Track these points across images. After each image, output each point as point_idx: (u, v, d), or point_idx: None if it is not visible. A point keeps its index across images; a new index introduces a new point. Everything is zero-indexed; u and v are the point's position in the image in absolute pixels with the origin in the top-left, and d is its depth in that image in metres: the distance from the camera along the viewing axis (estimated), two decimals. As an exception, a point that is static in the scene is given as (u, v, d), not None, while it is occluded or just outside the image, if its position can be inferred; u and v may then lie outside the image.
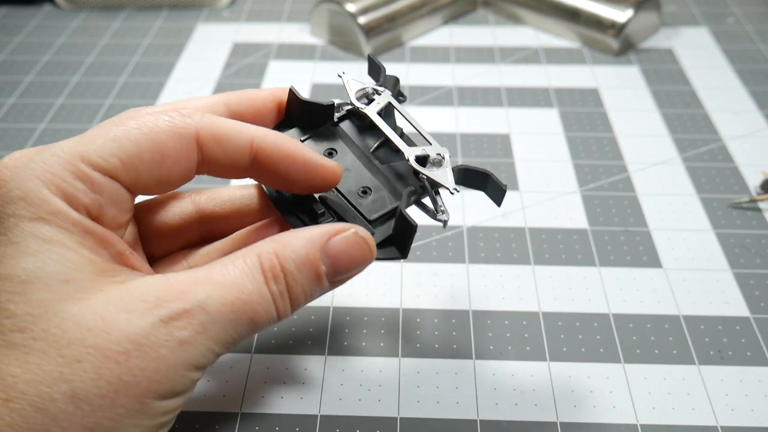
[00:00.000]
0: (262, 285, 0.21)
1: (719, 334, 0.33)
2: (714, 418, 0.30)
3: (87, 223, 0.21)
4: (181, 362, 0.20)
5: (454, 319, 0.34)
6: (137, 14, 0.63)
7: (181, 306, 0.20)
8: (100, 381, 0.19)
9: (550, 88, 0.52)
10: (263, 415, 0.30)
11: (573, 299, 0.35)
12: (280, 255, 0.22)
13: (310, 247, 0.22)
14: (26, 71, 0.55)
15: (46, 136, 0.47)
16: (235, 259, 0.22)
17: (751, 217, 0.40)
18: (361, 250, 0.23)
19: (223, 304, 0.21)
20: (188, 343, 0.20)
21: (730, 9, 0.62)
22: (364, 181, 0.26)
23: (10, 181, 0.21)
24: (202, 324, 0.20)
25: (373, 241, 0.24)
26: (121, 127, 0.22)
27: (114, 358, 0.19)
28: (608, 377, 0.31)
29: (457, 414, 0.30)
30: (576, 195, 0.42)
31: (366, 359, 0.32)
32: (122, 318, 0.19)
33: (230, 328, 0.21)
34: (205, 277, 0.21)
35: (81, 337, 0.19)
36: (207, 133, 0.23)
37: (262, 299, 0.21)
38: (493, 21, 0.61)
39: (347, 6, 0.54)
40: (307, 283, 0.22)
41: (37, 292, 0.19)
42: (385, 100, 0.27)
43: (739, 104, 0.49)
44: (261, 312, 0.21)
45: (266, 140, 0.24)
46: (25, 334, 0.19)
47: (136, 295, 0.20)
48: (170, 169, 0.23)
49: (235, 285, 0.21)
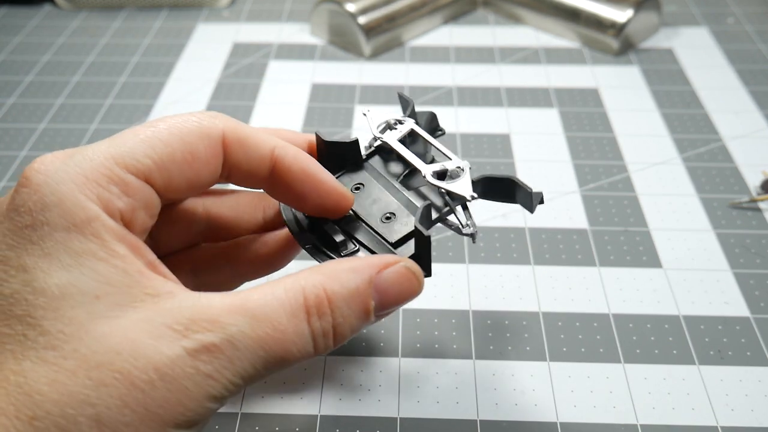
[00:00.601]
0: (301, 321, 0.20)
1: (719, 334, 0.33)
2: (714, 418, 0.30)
3: (121, 230, 0.21)
4: (204, 395, 0.19)
5: (454, 319, 0.34)
6: (137, 14, 0.63)
7: (210, 339, 0.19)
8: (125, 408, 0.19)
9: (550, 88, 0.52)
10: (263, 415, 0.30)
11: (573, 299, 0.35)
12: (329, 289, 0.21)
13: (360, 281, 0.21)
14: (26, 71, 0.55)
15: (46, 136, 0.47)
16: (276, 288, 0.21)
17: (751, 217, 0.40)
18: (410, 283, 0.22)
19: (254, 340, 0.20)
20: (213, 378, 0.19)
21: (730, 9, 0.62)
22: (387, 208, 0.26)
23: (44, 185, 0.20)
24: (229, 359, 0.19)
25: (422, 274, 0.23)
26: (150, 129, 0.22)
27: (140, 386, 0.19)
28: (608, 377, 0.31)
29: (457, 414, 0.30)
30: (576, 195, 0.42)
31: (366, 359, 0.32)
32: (149, 344, 0.19)
33: (258, 365, 0.20)
34: (240, 307, 0.20)
35: (109, 360, 0.19)
36: (232, 135, 0.23)
37: (297, 337, 0.20)
38: (493, 21, 0.61)
39: (347, 6, 0.54)
40: (356, 319, 0.22)
41: (70, 309, 0.19)
42: (407, 127, 0.27)
43: (739, 104, 0.49)
44: (294, 351, 0.20)
45: (287, 151, 0.24)
46: (57, 353, 0.19)
47: (167, 319, 0.20)
48: (200, 171, 0.23)
49: (270, 320, 0.20)
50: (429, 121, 0.29)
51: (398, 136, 0.27)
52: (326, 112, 0.49)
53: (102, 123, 0.49)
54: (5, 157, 0.45)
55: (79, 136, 0.47)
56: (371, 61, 0.55)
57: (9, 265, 0.20)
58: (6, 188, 0.43)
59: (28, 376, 0.19)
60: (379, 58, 0.55)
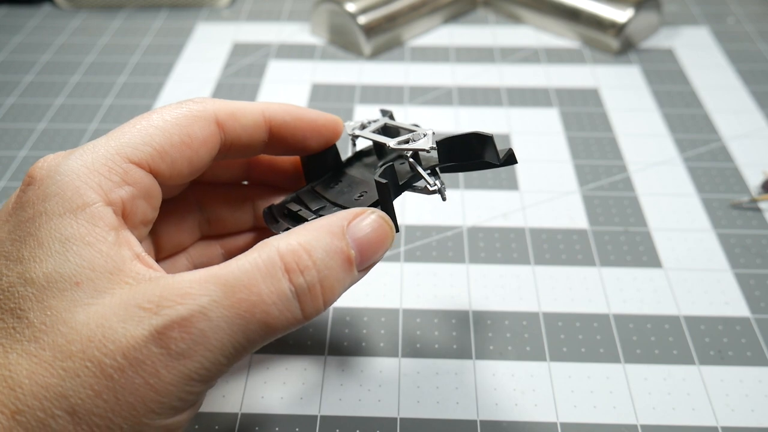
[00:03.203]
0: (278, 281, 0.19)
1: (719, 335, 0.33)
2: (714, 419, 0.30)
3: (115, 220, 0.21)
4: (180, 377, 0.18)
5: (454, 319, 0.34)
6: (137, 14, 0.63)
7: (179, 313, 0.18)
8: (97, 399, 0.18)
9: (550, 88, 0.52)
10: (263, 415, 0.30)
11: (573, 299, 0.35)
12: (305, 244, 0.20)
13: (335, 229, 0.21)
14: (26, 71, 0.55)
15: (46, 136, 0.47)
16: (249, 253, 0.20)
17: (752, 217, 0.40)
18: (383, 229, 0.22)
19: (228, 308, 0.18)
20: (186, 356, 0.18)
21: (730, 9, 0.62)
22: (362, 188, 0.26)
23: (47, 178, 0.20)
24: (203, 333, 0.18)
25: (391, 221, 0.23)
26: (145, 120, 0.23)
27: (109, 373, 0.18)
28: (608, 377, 0.31)
29: (457, 414, 0.30)
30: (576, 195, 0.42)
31: (366, 359, 0.32)
32: (119, 327, 0.18)
33: (239, 335, 0.19)
34: (211, 276, 0.19)
35: (82, 349, 0.18)
36: (223, 111, 0.24)
37: (277, 298, 0.19)
38: (493, 21, 0.61)
39: (347, 6, 0.54)
40: (341, 270, 0.21)
41: (52, 299, 0.19)
42: (381, 123, 0.28)
43: (739, 104, 0.49)
44: (276, 313, 0.19)
45: (274, 107, 0.26)
46: (37, 344, 0.18)
47: (138, 299, 0.19)
48: (199, 150, 0.23)
49: (244, 283, 0.19)
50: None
51: (371, 130, 0.28)
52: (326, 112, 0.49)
53: (102, 123, 0.48)
54: (5, 157, 0.45)
55: (79, 136, 0.47)
56: (371, 61, 0.55)
57: (9, 259, 0.20)
58: (6, 188, 0.43)
59: (12, 370, 0.18)
60: (379, 58, 0.55)
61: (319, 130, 0.27)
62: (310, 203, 0.27)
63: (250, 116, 0.25)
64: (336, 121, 0.27)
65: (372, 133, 0.27)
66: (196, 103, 0.24)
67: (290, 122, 0.26)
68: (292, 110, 0.26)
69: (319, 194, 0.28)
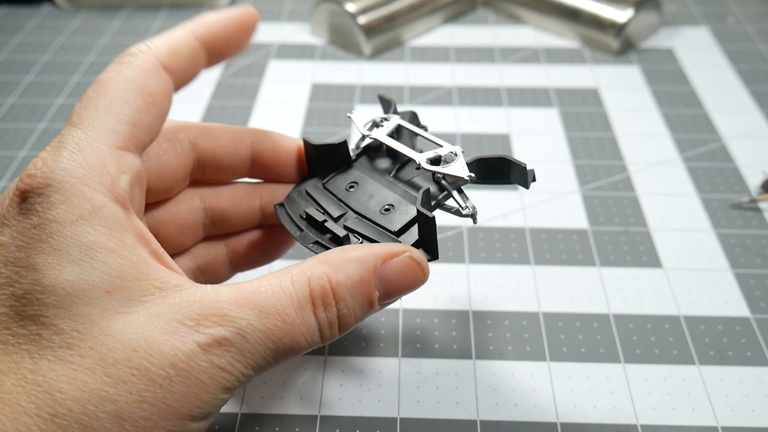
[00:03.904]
0: (308, 313, 0.21)
1: (719, 335, 0.33)
2: (714, 419, 0.30)
3: (127, 218, 0.21)
4: (218, 387, 0.20)
5: (454, 319, 0.34)
6: (137, 14, 0.63)
7: (222, 333, 0.20)
8: (144, 403, 0.19)
9: (550, 88, 0.52)
10: (263, 415, 0.30)
11: (573, 299, 0.35)
12: (333, 280, 0.21)
13: (364, 272, 0.22)
14: (26, 71, 0.55)
15: (46, 136, 0.47)
16: (283, 280, 0.21)
17: (752, 217, 0.40)
18: (414, 273, 0.23)
19: (264, 333, 0.20)
20: (226, 370, 0.20)
21: (730, 9, 0.62)
22: (386, 200, 0.26)
23: (46, 187, 0.20)
24: (241, 352, 0.20)
25: (426, 264, 0.23)
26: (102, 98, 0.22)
27: (158, 381, 0.19)
28: (608, 377, 0.31)
29: (457, 414, 0.30)
30: (576, 195, 0.42)
31: (366, 359, 0.32)
32: (164, 340, 0.19)
33: (269, 356, 0.21)
34: (248, 300, 0.20)
35: (126, 357, 0.19)
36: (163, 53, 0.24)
37: (305, 328, 0.21)
38: (493, 21, 0.61)
39: (347, 6, 0.54)
40: (360, 309, 0.22)
41: (82, 306, 0.19)
42: (394, 123, 0.27)
43: (739, 104, 0.49)
44: (302, 341, 0.21)
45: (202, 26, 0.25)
46: (73, 351, 0.19)
47: (177, 314, 0.20)
48: (162, 103, 0.23)
49: (278, 311, 0.21)
50: (410, 120, 0.29)
51: (386, 132, 0.27)
52: (326, 112, 0.49)
53: (102, 123, 0.48)
54: (5, 157, 0.45)
55: (79, 136, 0.47)
56: (371, 61, 0.55)
57: (19, 266, 0.20)
58: (6, 188, 0.43)
59: (46, 375, 0.19)
60: (379, 58, 0.55)
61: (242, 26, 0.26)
62: (328, 207, 0.26)
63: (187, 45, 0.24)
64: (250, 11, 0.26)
65: (390, 137, 0.27)
66: (135, 56, 0.23)
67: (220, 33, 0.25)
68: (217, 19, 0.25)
69: (334, 195, 0.27)
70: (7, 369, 0.19)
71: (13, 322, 0.19)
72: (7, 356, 0.19)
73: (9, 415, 0.18)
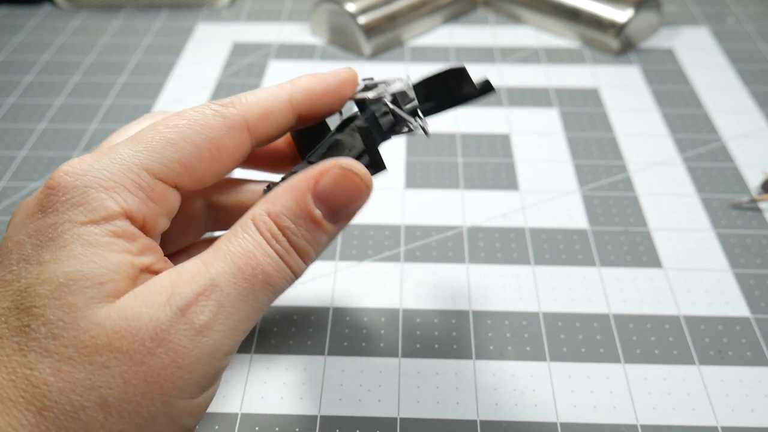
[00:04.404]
0: (266, 246, 0.21)
1: (719, 335, 0.33)
2: (714, 419, 0.30)
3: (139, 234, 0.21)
4: (205, 350, 0.20)
5: (454, 319, 0.34)
6: (137, 14, 0.63)
7: (194, 289, 0.20)
8: (127, 386, 0.19)
9: (550, 88, 0.52)
10: (263, 415, 0.30)
11: (573, 299, 0.35)
12: (272, 213, 0.21)
13: (298, 197, 0.22)
14: (26, 71, 0.55)
15: (46, 136, 0.47)
16: (234, 229, 0.21)
17: (752, 217, 0.40)
18: (351, 181, 0.22)
19: (234, 274, 0.20)
20: (208, 327, 0.20)
21: (730, 9, 0.62)
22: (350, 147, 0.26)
23: (72, 188, 0.20)
24: (218, 302, 0.20)
25: (363, 170, 0.22)
26: (174, 130, 0.22)
27: (138, 359, 0.19)
28: (608, 377, 0.31)
29: (457, 414, 0.30)
30: (576, 195, 0.42)
31: (366, 359, 0.32)
32: (143, 314, 0.19)
33: (249, 298, 0.20)
34: (211, 255, 0.21)
35: (108, 342, 0.19)
36: (253, 116, 0.24)
37: (270, 259, 0.21)
38: (493, 21, 0.61)
39: (347, 6, 0.54)
40: (308, 232, 0.22)
41: (71, 296, 0.19)
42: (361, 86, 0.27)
43: (739, 104, 0.49)
44: (273, 272, 0.21)
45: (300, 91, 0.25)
46: (58, 342, 0.19)
47: (153, 288, 0.20)
48: (227, 162, 0.23)
49: (241, 252, 0.21)
50: None
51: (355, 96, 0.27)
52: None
53: (102, 123, 0.48)
54: (5, 157, 0.45)
55: (79, 136, 0.47)
56: (371, 61, 0.55)
57: (29, 262, 0.20)
58: (6, 188, 0.43)
59: (34, 368, 0.19)
60: (379, 58, 0.55)
61: (341, 93, 0.26)
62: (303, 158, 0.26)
63: (280, 112, 0.24)
64: (351, 73, 0.26)
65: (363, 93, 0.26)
66: (226, 107, 0.23)
67: (316, 101, 0.25)
68: (316, 87, 0.25)
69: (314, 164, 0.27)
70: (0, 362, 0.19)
71: (11, 315, 0.20)
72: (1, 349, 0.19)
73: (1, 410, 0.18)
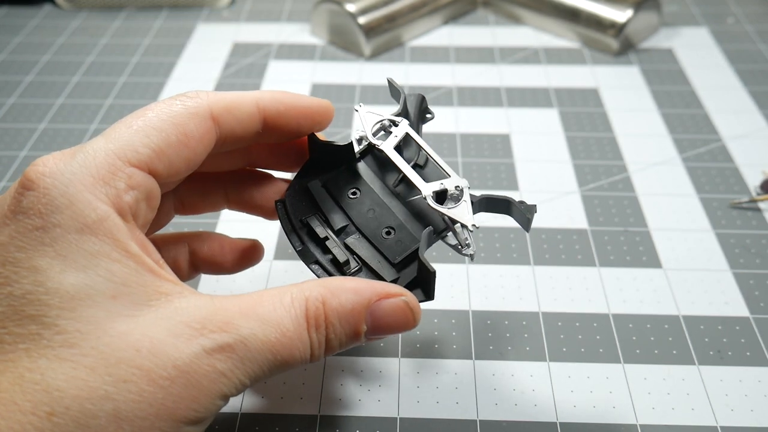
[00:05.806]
0: (303, 330, 0.22)
1: (719, 335, 0.33)
2: (714, 418, 0.30)
3: (131, 229, 0.21)
4: (216, 392, 0.20)
5: (454, 319, 0.34)
6: (137, 14, 0.63)
7: (226, 339, 0.20)
8: (143, 403, 0.19)
9: (550, 88, 0.52)
10: (263, 415, 0.30)
11: (573, 299, 0.35)
12: (327, 305, 0.22)
13: (357, 304, 0.23)
14: (26, 71, 0.55)
15: (46, 136, 0.47)
16: (283, 296, 0.22)
17: (751, 217, 0.40)
18: (405, 318, 0.24)
19: (264, 343, 0.21)
20: (226, 376, 0.20)
21: (730, 9, 0.62)
22: (387, 221, 0.27)
23: (52, 188, 0.20)
24: (241, 360, 0.21)
25: (419, 310, 0.24)
26: (141, 119, 0.23)
27: (159, 382, 0.19)
28: (608, 377, 0.31)
29: (457, 414, 0.30)
30: (576, 195, 0.42)
31: (366, 359, 0.32)
32: (169, 342, 0.20)
33: (265, 366, 0.21)
34: (251, 310, 0.21)
35: (128, 357, 0.19)
36: (217, 106, 0.24)
37: (300, 343, 0.22)
38: (493, 21, 0.61)
39: (347, 6, 0.54)
40: (346, 337, 0.23)
41: (87, 309, 0.20)
42: (402, 132, 0.27)
43: (739, 104, 0.49)
44: (297, 355, 0.22)
45: (267, 97, 0.26)
46: (74, 350, 0.19)
47: (183, 318, 0.20)
48: (195, 148, 0.23)
49: (278, 325, 0.21)
50: (419, 104, 0.29)
51: (394, 143, 0.27)
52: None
53: (102, 123, 0.49)
54: (5, 157, 0.45)
55: (79, 136, 0.47)
56: (371, 61, 0.55)
57: (20, 266, 0.20)
58: (6, 188, 0.43)
59: (44, 374, 0.19)
60: (379, 58, 0.55)
61: (312, 116, 0.27)
62: (329, 214, 0.27)
63: (245, 108, 0.25)
64: (327, 107, 0.27)
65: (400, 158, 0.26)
66: (191, 98, 0.24)
67: (284, 111, 0.26)
68: (285, 99, 0.26)
69: (335, 200, 0.27)
70: (4, 368, 0.19)
71: (10, 321, 0.19)
72: (3, 355, 0.19)
73: (2, 412, 0.18)
